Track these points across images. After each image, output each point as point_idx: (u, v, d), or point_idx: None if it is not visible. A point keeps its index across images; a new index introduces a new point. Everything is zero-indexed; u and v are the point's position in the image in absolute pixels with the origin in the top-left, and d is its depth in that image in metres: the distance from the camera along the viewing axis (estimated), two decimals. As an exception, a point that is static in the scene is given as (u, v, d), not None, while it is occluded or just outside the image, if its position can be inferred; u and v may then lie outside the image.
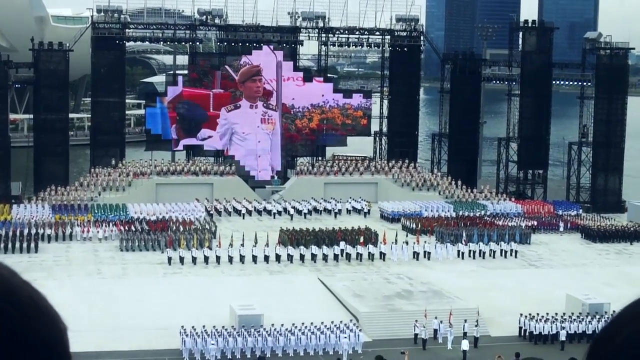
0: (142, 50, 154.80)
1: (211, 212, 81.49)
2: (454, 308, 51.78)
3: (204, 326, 48.27)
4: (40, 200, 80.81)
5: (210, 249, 66.02)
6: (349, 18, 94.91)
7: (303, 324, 49.50)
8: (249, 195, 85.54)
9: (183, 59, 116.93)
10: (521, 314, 51.99)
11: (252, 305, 51.67)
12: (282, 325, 49.05)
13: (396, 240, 68.06)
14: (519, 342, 50.78)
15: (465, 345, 48.48)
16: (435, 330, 50.91)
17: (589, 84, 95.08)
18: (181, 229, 72.25)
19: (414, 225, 76.16)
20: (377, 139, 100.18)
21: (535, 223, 79.85)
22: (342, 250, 66.79)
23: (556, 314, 51.91)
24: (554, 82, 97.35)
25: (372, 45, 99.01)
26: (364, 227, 72.48)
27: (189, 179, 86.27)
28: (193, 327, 47.90)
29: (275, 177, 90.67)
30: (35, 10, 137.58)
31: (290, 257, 66.01)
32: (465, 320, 50.21)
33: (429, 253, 67.90)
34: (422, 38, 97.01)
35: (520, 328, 51.80)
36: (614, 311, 47.62)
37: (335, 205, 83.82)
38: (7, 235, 68.76)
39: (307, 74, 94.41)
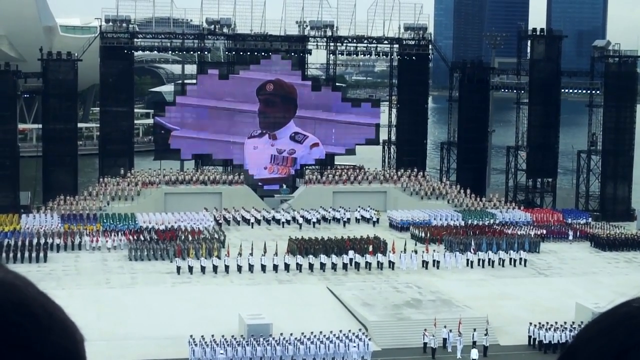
0: (150, 60, 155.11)
1: (220, 221, 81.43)
2: (463, 317, 51.67)
3: (212, 335, 48.25)
4: (49, 209, 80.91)
5: (219, 258, 65.96)
6: (357, 27, 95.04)
7: (312, 333, 49.43)
8: (258, 204, 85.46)
9: (191, 68, 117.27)
10: (531, 323, 51.82)
11: (261, 314, 51.63)
12: (291, 334, 48.97)
13: (405, 249, 67.98)
14: (528, 351, 50.71)
15: (474, 354, 48.39)
16: (445, 339, 50.76)
17: (598, 92, 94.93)
18: (190, 238, 72.23)
19: (423, 234, 76.04)
20: (386, 147, 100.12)
21: (545, 231, 79.66)
22: (351, 259, 66.69)
23: (565, 322, 51.71)
24: (562, 90, 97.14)
25: (381, 54, 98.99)
26: (372, 236, 72.41)
27: (198, 188, 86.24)
28: (202, 336, 47.88)
29: (284, 186, 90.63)
30: (43, 20, 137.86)
31: (299, 266, 65.94)
32: (475, 329, 50.09)
33: (438, 262, 67.79)
34: (430, 47, 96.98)
35: (530, 337, 51.60)
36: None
37: (344, 214, 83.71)
38: (16, 245, 68.88)
39: (316, 83, 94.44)
